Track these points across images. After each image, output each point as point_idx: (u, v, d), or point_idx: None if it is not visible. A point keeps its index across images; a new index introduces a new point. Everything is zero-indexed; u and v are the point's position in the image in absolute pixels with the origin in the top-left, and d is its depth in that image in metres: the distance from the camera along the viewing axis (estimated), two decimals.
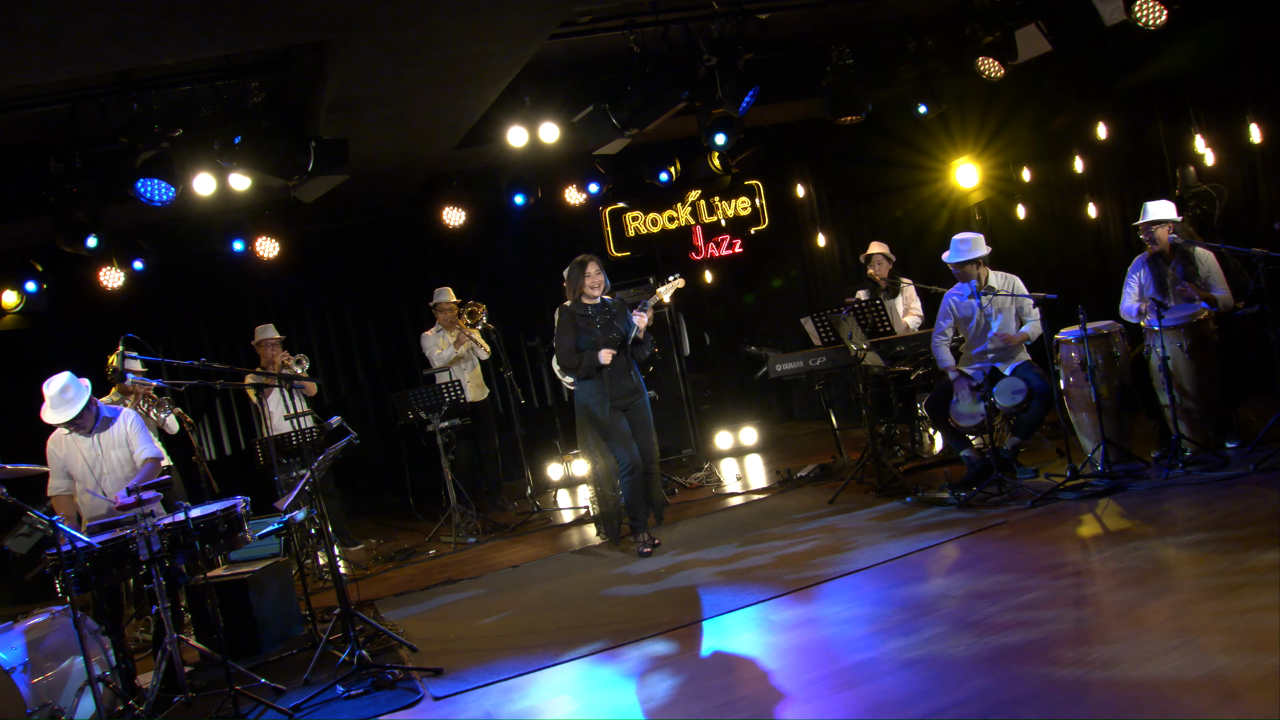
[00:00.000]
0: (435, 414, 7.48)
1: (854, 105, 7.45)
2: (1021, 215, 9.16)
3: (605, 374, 6.00)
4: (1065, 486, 5.55)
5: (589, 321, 6.08)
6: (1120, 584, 4.10)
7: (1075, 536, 4.90)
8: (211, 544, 4.61)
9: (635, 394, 6.15)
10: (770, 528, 6.16)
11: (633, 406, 6.14)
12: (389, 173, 8.31)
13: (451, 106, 6.86)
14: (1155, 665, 3.29)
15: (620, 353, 6.07)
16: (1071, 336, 5.94)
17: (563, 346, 6.10)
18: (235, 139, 5.78)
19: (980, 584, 4.36)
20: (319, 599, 6.24)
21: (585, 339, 6.05)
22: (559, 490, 8.89)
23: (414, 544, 7.61)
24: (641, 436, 6.11)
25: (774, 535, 5.96)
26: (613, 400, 6.03)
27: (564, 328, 6.10)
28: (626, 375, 6.11)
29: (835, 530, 5.80)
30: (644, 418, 6.16)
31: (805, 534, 5.84)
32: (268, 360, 7.73)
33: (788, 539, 5.80)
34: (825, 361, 7.23)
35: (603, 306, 6.12)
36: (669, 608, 4.90)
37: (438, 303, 8.26)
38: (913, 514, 5.81)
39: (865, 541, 5.41)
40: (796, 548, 5.57)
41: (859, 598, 4.56)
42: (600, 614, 5.02)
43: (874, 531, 5.60)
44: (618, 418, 6.07)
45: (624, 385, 6.09)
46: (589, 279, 6.07)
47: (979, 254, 6.07)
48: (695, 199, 10.38)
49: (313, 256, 9.56)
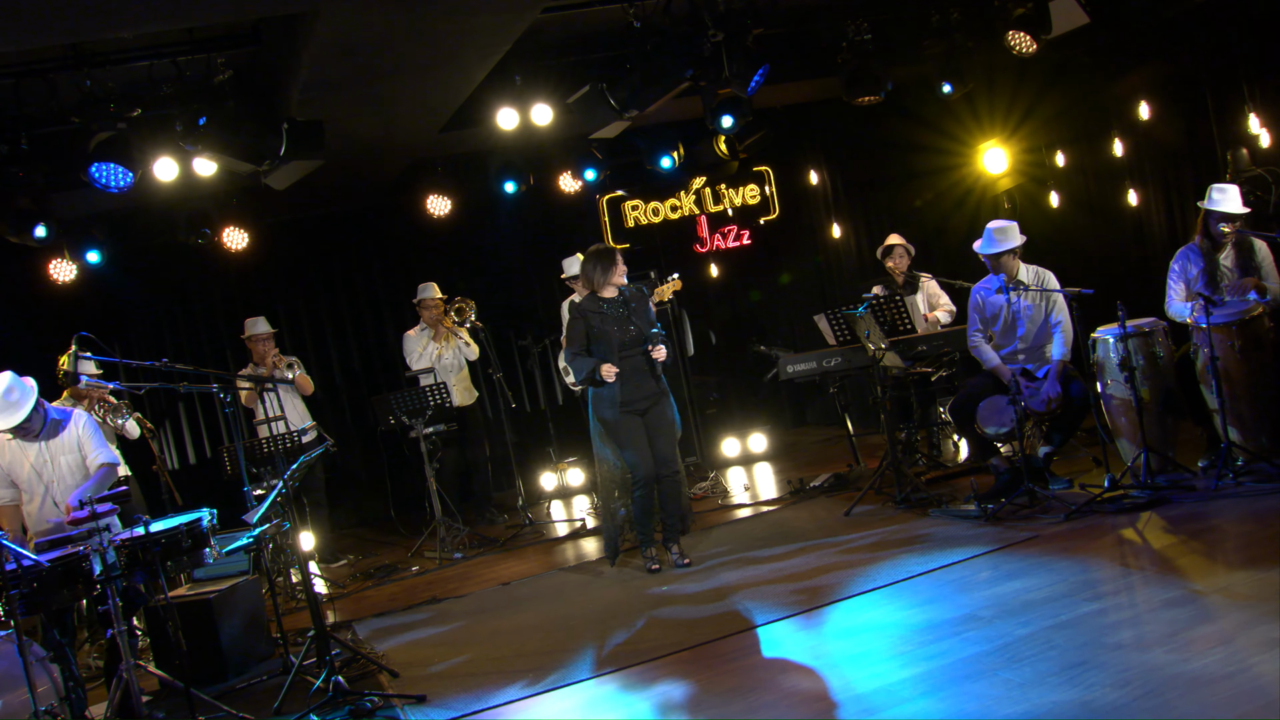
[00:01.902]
0: (419, 419, 7.47)
1: (872, 85, 7.44)
2: (1055, 203, 9.15)
3: (620, 375, 5.86)
4: (1103, 498, 5.53)
5: (603, 318, 5.90)
6: (1164, 605, 4.06)
7: (1114, 553, 4.86)
8: (174, 561, 4.55)
9: (657, 395, 5.99)
10: (780, 542, 6.15)
11: (653, 410, 5.99)
12: (368, 158, 8.31)
13: (436, 86, 6.84)
14: (1204, 694, 3.25)
15: (640, 353, 5.91)
16: (1110, 335, 5.89)
17: (573, 349, 5.96)
18: (199, 120, 5.75)
19: (1010, 604, 4.33)
20: (292, 620, 6.21)
21: (597, 335, 5.89)
22: (553, 501, 8.89)
23: (395, 560, 7.61)
24: (662, 442, 5.99)
25: (784, 550, 5.95)
26: (628, 404, 5.91)
27: (573, 326, 5.98)
28: (647, 375, 5.94)
29: (851, 545, 5.79)
30: (666, 421, 6.00)
31: (818, 548, 5.83)
32: (259, 357, 7.72)
33: (799, 554, 5.79)
34: (840, 362, 7.22)
35: (620, 299, 5.97)
36: (671, 629, 4.88)
37: (422, 299, 8.26)
38: (936, 527, 5.80)
39: (884, 557, 5.39)
40: (809, 563, 5.55)
41: (877, 618, 4.53)
42: (597, 636, 5.00)
43: (893, 546, 5.58)
44: (633, 423, 5.94)
45: (644, 387, 5.93)
46: (616, 273, 5.92)
47: (1015, 244, 6.05)
48: (700, 187, 10.38)
49: (285, 249, 9.55)
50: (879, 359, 6.48)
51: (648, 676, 4.33)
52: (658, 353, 5.86)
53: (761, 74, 6.66)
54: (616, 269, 5.94)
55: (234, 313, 8.95)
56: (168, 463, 9.09)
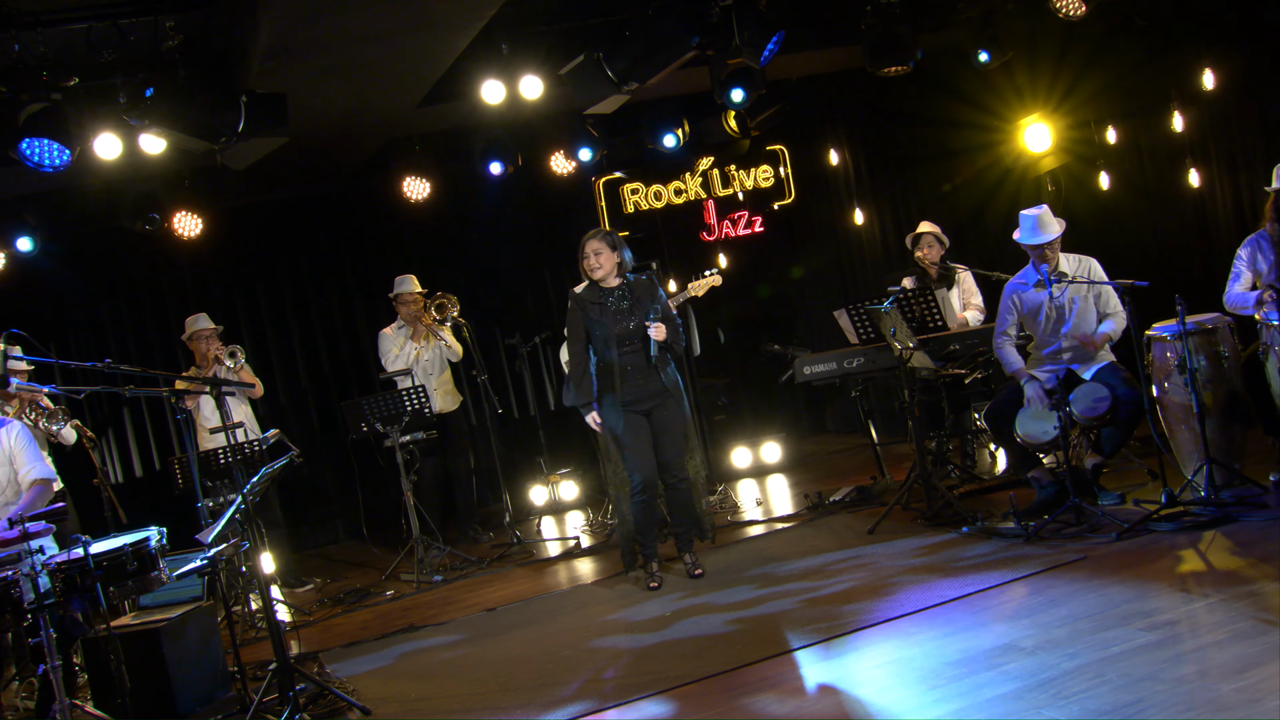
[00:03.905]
0: (395, 426, 7.46)
1: (900, 53, 7.42)
2: (1104, 185, 9.14)
3: (616, 377, 5.90)
4: (1159, 515, 5.50)
5: (601, 310, 5.95)
6: (1230, 637, 4.03)
7: (1172, 577, 4.84)
8: (117, 586, 4.53)
9: (663, 395, 6.01)
10: (797, 562, 6.16)
11: (658, 410, 6.01)
12: (337, 135, 8.30)
13: (413, 54, 6.82)
14: None
15: (642, 348, 5.93)
16: (1167, 333, 5.87)
17: (571, 344, 6.01)
18: (146, 91, 5.73)
19: (1054, 634, 4.31)
20: (251, 652, 6.19)
21: (596, 329, 5.94)
22: (543, 518, 8.92)
23: (368, 583, 7.63)
24: (667, 448, 6.03)
25: (802, 571, 5.95)
26: (629, 403, 5.94)
27: (572, 320, 6.05)
28: (650, 372, 5.96)
29: (876, 566, 5.78)
30: (672, 423, 6.03)
31: (839, 570, 5.83)
32: (202, 355, 7.73)
33: (818, 576, 5.79)
34: (863, 363, 7.22)
35: (623, 288, 6.01)
36: (674, 659, 4.87)
37: (399, 294, 8.27)
38: (970, 547, 5.79)
39: (912, 580, 5.39)
40: (829, 587, 5.55)
41: (905, 648, 4.51)
42: (593, 667, 4.99)
43: (923, 569, 5.58)
44: (636, 422, 5.97)
45: (648, 385, 5.96)
46: (586, 261, 5.99)
47: (1058, 233, 6.04)
48: (707, 168, 10.38)
49: (244, 236, 9.55)
50: (906, 359, 6.47)
51: (649, 713, 4.31)
52: (655, 331, 5.86)
53: (775, 42, 6.65)
54: (585, 260, 5.95)
55: (186, 308, 8.94)
56: (110, 475, 9.07)
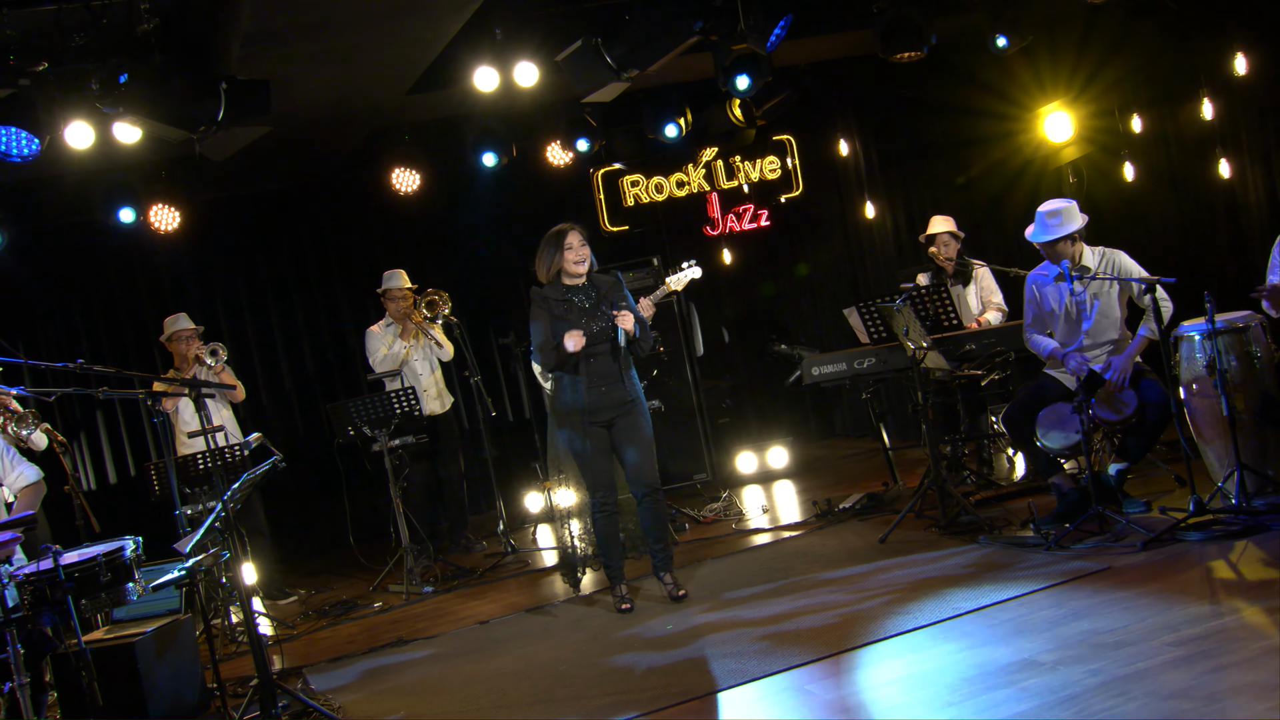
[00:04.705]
0: (383, 430, 7.45)
1: (914, 38, 7.42)
2: (1129, 176, 9.15)
3: (582, 373, 5.83)
4: (1188, 524, 5.49)
5: (567, 307, 5.88)
6: (1263, 653, 4.00)
7: (1202, 589, 4.83)
8: (89, 599, 4.51)
9: (627, 404, 5.93)
10: (805, 573, 6.15)
11: (622, 421, 5.94)
12: (322, 124, 8.31)
13: (402, 39, 6.82)
14: None
15: (608, 350, 5.86)
16: (1195, 332, 5.85)
17: (537, 341, 5.93)
18: (120, 77, 5.68)
19: (1077, 649, 4.30)
20: (232, 667, 6.18)
21: (562, 328, 5.83)
22: (539, 526, 8.88)
23: (355, 595, 7.63)
24: (635, 457, 5.95)
25: (810, 582, 5.94)
26: (591, 413, 5.85)
27: (537, 316, 5.94)
28: (617, 380, 5.90)
29: (887, 577, 5.78)
30: (639, 434, 5.95)
31: (849, 581, 5.83)
32: (182, 357, 7.74)
33: (828, 587, 5.79)
34: (875, 363, 7.22)
35: (588, 287, 5.95)
36: (677, 675, 4.87)
37: (387, 289, 8.26)
38: (987, 557, 5.79)
39: (925, 592, 5.38)
40: (838, 599, 5.55)
41: (919, 663, 4.50)
42: (591, 683, 4.98)
43: (937, 579, 5.58)
44: (595, 435, 5.90)
45: (612, 394, 5.89)
46: (570, 253, 5.88)
47: (1074, 228, 6.01)
48: (711, 159, 10.39)
49: (225, 230, 9.54)
50: (920, 360, 6.46)
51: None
52: (622, 319, 5.78)
53: (783, 26, 6.63)
54: (567, 250, 5.87)
55: (162, 305, 8.93)
56: (83, 482, 9.06)
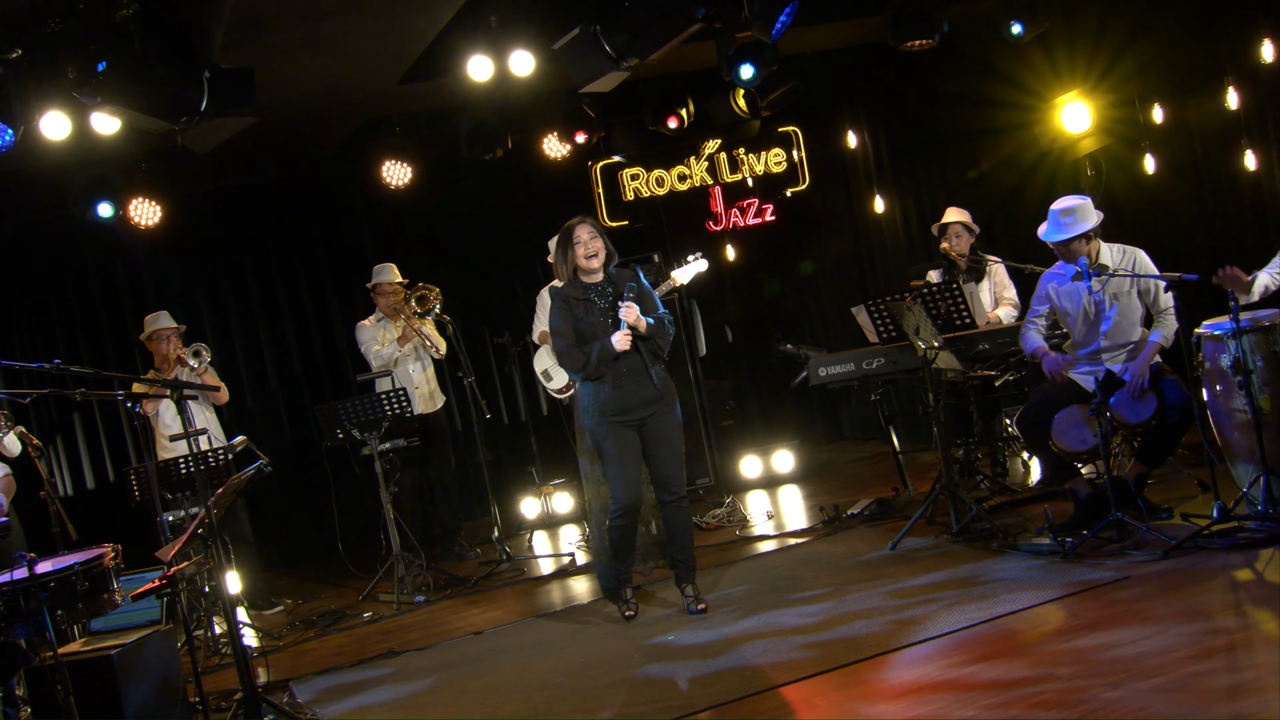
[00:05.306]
0: (373, 433, 7.45)
1: (925, 26, 7.44)
2: (1150, 169, 9.15)
3: (607, 379, 5.77)
4: (1211, 532, 5.47)
5: (587, 305, 5.81)
6: None
7: (1226, 599, 4.82)
8: (65, 609, 4.49)
9: (657, 403, 5.87)
10: (812, 582, 6.15)
11: (651, 421, 5.88)
12: (310, 115, 8.31)
13: (393, 27, 6.81)
14: None
15: (636, 348, 5.78)
16: (1219, 330, 5.81)
17: (559, 341, 5.86)
18: (98, 65, 5.67)
19: (1094, 661, 4.29)
20: (214, 680, 6.18)
21: (584, 329, 5.79)
22: (535, 533, 8.89)
23: (343, 605, 7.63)
24: (665, 461, 5.92)
25: (817, 591, 5.94)
26: (620, 414, 5.80)
27: (557, 317, 5.87)
28: (644, 377, 5.82)
29: (897, 586, 5.77)
30: (666, 435, 5.90)
31: (857, 590, 5.83)
32: (163, 357, 7.74)
33: (834, 596, 5.79)
34: (884, 364, 7.20)
35: (607, 283, 5.88)
36: (678, 688, 4.85)
37: (377, 284, 8.27)
38: (1001, 566, 5.78)
39: (937, 601, 5.37)
40: (846, 608, 5.54)
41: (930, 676, 4.49)
42: (589, 698, 4.97)
43: (949, 588, 5.56)
44: (626, 437, 5.83)
45: (641, 392, 5.81)
46: (580, 247, 5.81)
47: (1088, 226, 5.99)
48: (713, 151, 10.41)
49: (208, 226, 9.55)
50: (931, 360, 6.45)
51: None
52: (626, 312, 5.70)
53: (789, 13, 6.59)
54: (578, 245, 5.81)
55: (143, 303, 8.94)
56: (59, 488, 9.05)
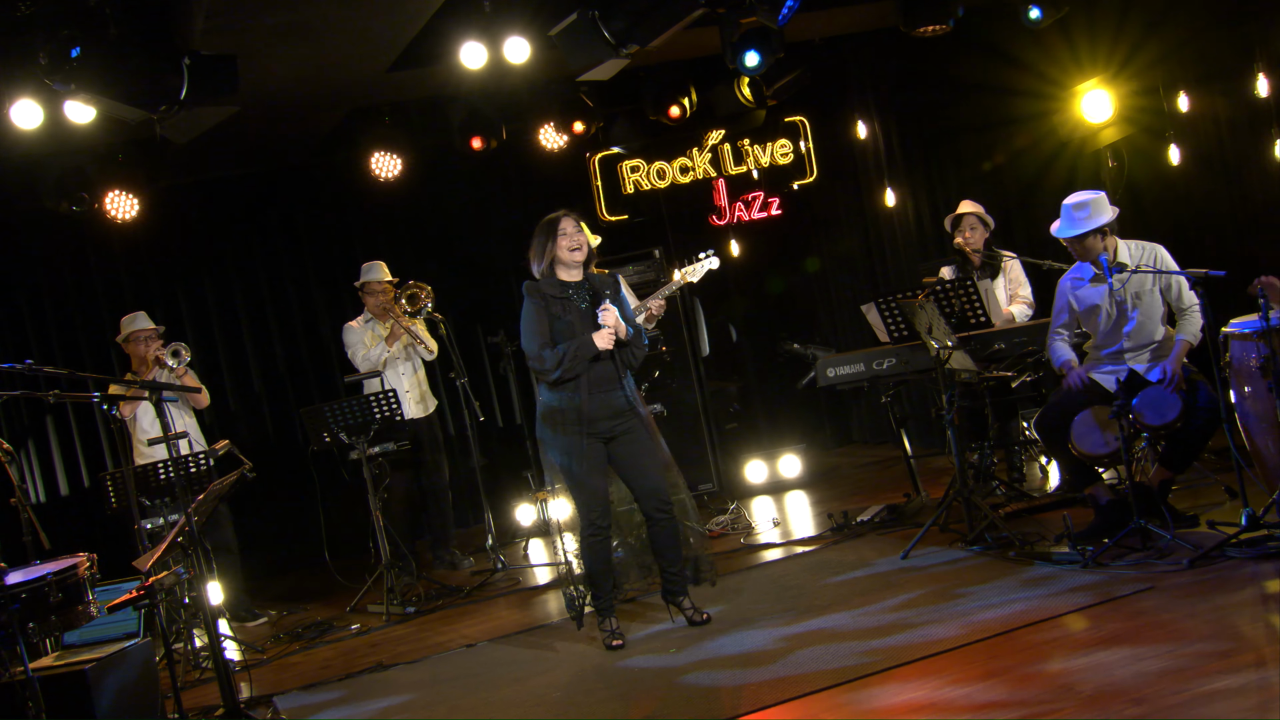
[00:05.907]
0: (362, 437, 7.45)
1: (939, 10, 7.44)
2: (1175, 160, 9.14)
3: (582, 384, 5.68)
4: (1239, 540, 5.44)
5: (566, 304, 5.74)
6: None
7: (1255, 611, 4.80)
8: (37, 622, 4.49)
9: (626, 416, 5.79)
10: (820, 591, 6.15)
11: (622, 434, 5.80)
12: (295, 104, 8.31)
13: (382, 12, 6.82)
14: None
15: (608, 354, 5.70)
16: (1248, 329, 5.76)
17: (530, 341, 5.75)
18: (72, 51, 5.67)
19: (1116, 674, 4.26)
20: (195, 695, 6.16)
21: (561, 329, 5.71)
22: (530, 541, 8.90)
23: (330, 616, 7.63)
24: (646, 469, 5.85)
25: (826, 601, 5.93)
26: (588, 424, 5.71)
27: (531, 313, 5.76)
28: (615, 387, 5.74)
29: (909, 596, 5.76)
30: (643, 447, 5.83)
31: (867, 600, 5.82)
32: (141, 359, 7.75)
33: (843, 607, 5.77)
34: (895, 364, 7.21)
35: (586, 284, 5.82)
36: (682, 702, 4.85)
37: (366, 282, 8.26)
38: (1018, 574, 5.78)
39: (951, 612, 5.36)
40: (855, 620, 5.53)
41: (943, 691, 4.47)
42: (588, 712, 4.96)
43: (963, 598, 5.55)
44: (592, 449, 5.73)
45: (610, 402, 5.73)
46: (564, 239, 5.73)
47: (1103, 221, 5.97)
48: (717, 142, 10.41)
49: (188, 219, 9.56)
50: (944, 360, 6.43)
51: None
52: (606, 315, 5.62)
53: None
54: (562, 237, 5.72)
55: (120, 300, 8.96)
56: (31, 494, 9.03)
